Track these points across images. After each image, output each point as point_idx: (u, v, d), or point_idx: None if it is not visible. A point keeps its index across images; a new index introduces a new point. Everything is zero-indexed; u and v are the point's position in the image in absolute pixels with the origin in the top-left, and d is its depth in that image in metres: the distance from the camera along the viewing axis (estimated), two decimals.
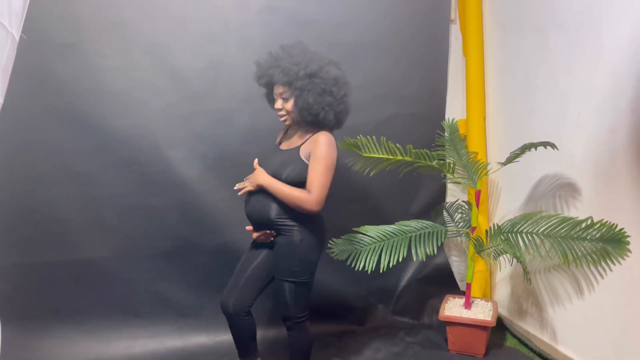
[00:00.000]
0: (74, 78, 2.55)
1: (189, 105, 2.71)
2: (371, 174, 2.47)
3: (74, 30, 2.51)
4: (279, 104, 2.13)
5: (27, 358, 2.58)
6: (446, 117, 3.11)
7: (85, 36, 2.53)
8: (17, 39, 1.28)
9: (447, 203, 3.08)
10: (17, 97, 2.37)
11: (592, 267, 2.27)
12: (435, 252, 2.43)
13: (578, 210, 2.35)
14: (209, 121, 2.75)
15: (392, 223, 2.54)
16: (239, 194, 2.18)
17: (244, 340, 2.29)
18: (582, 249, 2.26)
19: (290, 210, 2.07)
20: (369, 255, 2.39)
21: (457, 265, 3.28)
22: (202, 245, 2.80)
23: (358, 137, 2.36)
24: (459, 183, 2.76)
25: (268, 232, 2.16)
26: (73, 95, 2.56)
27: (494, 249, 2.46)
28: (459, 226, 2.85)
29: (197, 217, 2.78)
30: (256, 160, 2.18)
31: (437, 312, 2.75)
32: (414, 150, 2.39)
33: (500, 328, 2.88)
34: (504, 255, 2.48)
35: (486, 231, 2.55)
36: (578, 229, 2.27)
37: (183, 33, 2.65)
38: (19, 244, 2.60)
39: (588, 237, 2.24)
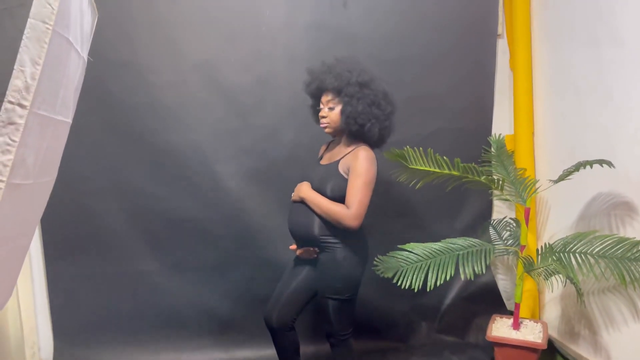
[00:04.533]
0: (127, 94, 2.64)
1: (236, 120, 2.77)
2: (417, 187, 2.44)
3: (129, 49, 2.60)
4: (324, 111, 2.13)
5: None
6: (493, 132, 3.06)
7: (139, 54, 2.62)
8: (86, 61, 1.33)
9: (494, 220, 3.02)
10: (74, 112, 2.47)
11: None
12: (484, 271, 2.38)
13: (635, 230, 2.26)
14: (255, 136, 2.79)
15: (436, 239, 2.51)
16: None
17: (287, 354, 2.29)
18: None
19: (333, 226, 2.07)
20: (416, 273, 2.36)
21: (503, 284, 3.20)
22: (246, 259, 2.84)
23: (405, 148, 2.34)
24: (507, 200, 2.70)
25: (311, 249, 2.16)
26: (126, 110, 2.65)
27: (545, 269, 2.39)
28: (507, 244, 2.78)
29: (242, 231, 2.81)
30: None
31: (483, 331, 2.68)
32: (462, 165, 2.36)
33: (550, 350, 2.79)
34: (556, 276, 2.40)
35: (537, 250, 2.49)
36: (635, 250, 2.18)
37: (231, 50, 2.71)
38: (72, 256, 2.69)
39: None
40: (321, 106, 2.15)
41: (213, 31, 2.69)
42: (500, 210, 3.14)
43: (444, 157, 2.33)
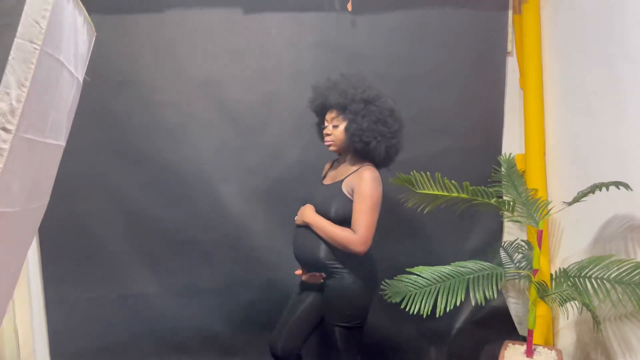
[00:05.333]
0: (129, 113, 2.61)
1: (240, 139, 2.72)
2: (425, 211, 2.37)
3: (131, 68, 2.58)
4: (328, 129, 2.07)
5: None
6: (503, 151, 2.98)
7: (141, 73, 2.60)
8: (82, 82, 1.28)
9: (504, 242, 2.93)
10: (73, 131, 2.43)
11: None
12: (495, 295, 2.28)
13: None
14: (259, 155, 2.74)
15: (446, 262, 2.42)
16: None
17: None
18: None
19: (340, 251, 2.00)
20: (425, 298, 2.27)
21: (514, 308, 3.10)
22: (250, 282, 2.77)
23: (411, 173, 2.28)
24: (518, 222, 2.61)
25: (317, 274, 2.09)
26: (128, 130, 2.62)
27: (560, 295, 2.29)
28: (519, 267, 2.69)
29: (246, 253, 2.75)
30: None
31: (495, 357, 2.58)
32: (471, 188, 2.28)
33: None
34: (571, 302, 2.30)
35: (551, 275, 2.39)
36: None
37: (236, 69, 2.69)
38: (70, 279, 2.64)
39: None
40: (326, 124, 2.10)
41: (217, 49, 2.66)
42: (511, 232, 3.05)
43: (452, 181, 2.26)
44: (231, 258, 2.74)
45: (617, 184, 2.16)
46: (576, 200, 2.33)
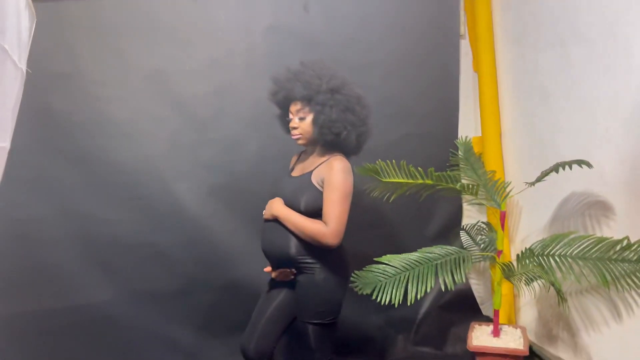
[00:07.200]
0: (70, 109, 2.42)
1: (194, 133, 2.58)
2: (390, 200, 2.34)
3: (70, 59, 2.37)
4: (294, 122, 1.97)
5: None
6: (459, 135, 3.00)
7: (82, 65, 2.39)
8: (25, 73, 1.12)
9: (466, 225, 2.95)
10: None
11: (632, 290, 2.14)
12: (464, 279, 2.29)
13: (612, 230, 2.23)
14: (215, 150, 2.61)
15: (409, 249, 2.40)
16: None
17: None
18: (621, 270, 2.14)
19: (311, 245, 1.92)
20: (395, 287, 2.24)
21: (476, 289, 3.14)
22: (212, 282, 2.64)
23: (377, 162, 2.24)
24: (481, 204, 2.63)
25: (288, 270, 2.00)
26: (70, 127, 2.43)
27: (525, 274, 2.33)
28: (481, 249, 2.72)
29: (206, 252, 2.62)
30: None
31: (461, 340, 2.60)
32: (436, 174, 2.27)
33: (530, 355, 2.74)
34: (537, 281, 2.34)
35: (517, 255, 2.42)
36: (613, 251, 2.15)
37: (186, 59, 2.54)
38: (14, 292, 2.42)
39: (627, 259, 2.12)
40: (290, 116, 1.99)
41: (164, 38, 2.50)
42: (471, 214, 3.08)
43: (419, 168, 2.24)
44: (190, 259, 2.60)
45: (579, 163, 2.20)
46: (539, 179, 2.36)
